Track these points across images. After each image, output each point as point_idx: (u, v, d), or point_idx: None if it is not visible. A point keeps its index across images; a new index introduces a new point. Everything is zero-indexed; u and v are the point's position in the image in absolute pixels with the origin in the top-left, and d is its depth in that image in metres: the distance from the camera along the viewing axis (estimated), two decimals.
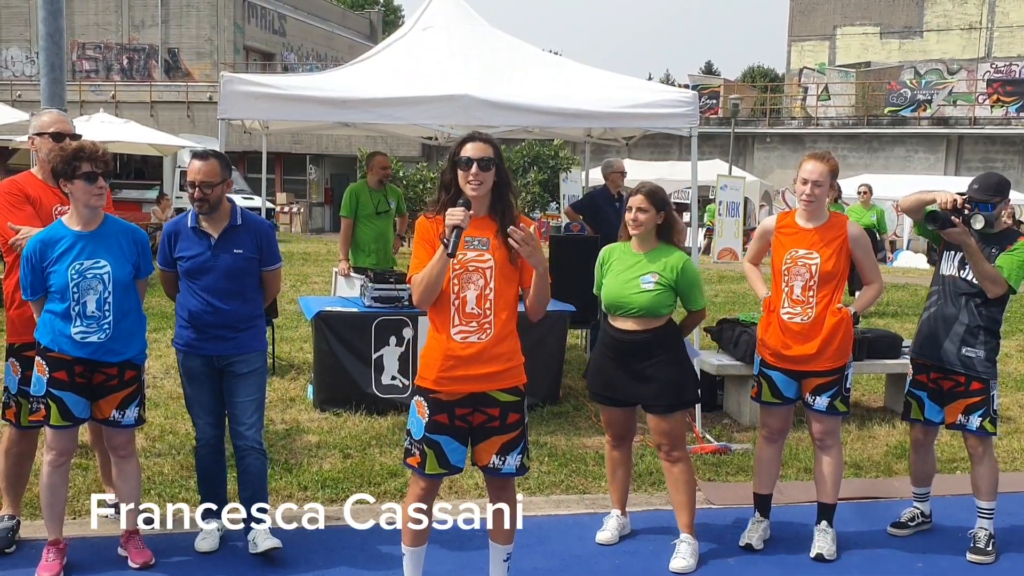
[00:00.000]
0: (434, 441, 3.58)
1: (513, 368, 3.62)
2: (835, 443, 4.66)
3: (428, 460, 3.59)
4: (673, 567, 4.40)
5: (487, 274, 3.54)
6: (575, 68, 7.51)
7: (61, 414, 4.07)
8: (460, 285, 3.53)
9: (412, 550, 3.76)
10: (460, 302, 3.53)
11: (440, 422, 3.58)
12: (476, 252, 3.55)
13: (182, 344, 4.41)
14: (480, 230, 3.57)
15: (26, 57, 39.35)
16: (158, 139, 21.18)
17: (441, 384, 3.56)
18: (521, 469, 3.68)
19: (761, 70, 65.30)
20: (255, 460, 4.42)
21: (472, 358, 3.53)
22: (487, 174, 3.53)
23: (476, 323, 3.54)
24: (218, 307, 4.30)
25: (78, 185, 3.99)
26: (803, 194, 4.50)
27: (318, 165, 36.44)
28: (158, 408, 6.70)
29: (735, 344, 7.03)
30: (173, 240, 4.37)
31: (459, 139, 3.63)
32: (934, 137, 32.63)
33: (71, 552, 4.25)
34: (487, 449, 3.62)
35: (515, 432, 3.63)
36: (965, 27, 40.81)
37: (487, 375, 3.55)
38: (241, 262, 4.35)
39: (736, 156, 31.08)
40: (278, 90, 6.29)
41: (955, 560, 4.62)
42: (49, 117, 4.66)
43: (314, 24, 44.87)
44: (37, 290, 4.07)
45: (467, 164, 3.52)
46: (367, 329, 6.70)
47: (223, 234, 4.33)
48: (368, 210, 7.93)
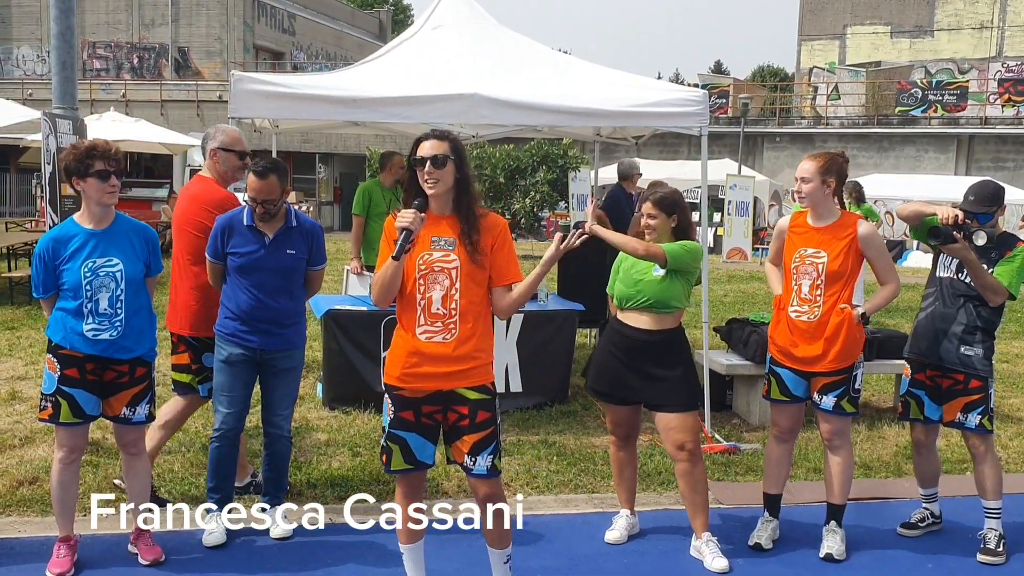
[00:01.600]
0: (399, 437, 3.57)
1: (479, 366, 3.57)
2: (844, 443, 4.65)
3: (394, 456, 3.59)
4: (715, 567, 4.39)
5: (452, 274, 3.51)
6: (585, 67, 7.50)
7: (72, 411, 4.09)
8: (426, 285, 3.51)
9: (409, 548, 3.77)
10: (426, 302, 3.51)
11: (405, 419, 3.56)
12: (442, 252, 3.51)
13: (227, 333, 4.47)
14: (445, 230, 3.53)
15: (37, 56, 39.52)
16: (168, 138, 21.25)
17: (405, 381, 3.54)
18: (492, 471, 3.58)
19: (771, 69, 65.13)
20: (284, 446, 4.70)
21: (437, 356, 3.50)
22: (442, 171, 3.47)
23: (441, 323, 3.51)
24: (267, 303, 4.42)
25: (91, 183, 4.02)
26: (795, 191, 4.61)
27: (327, 164, 36.50)
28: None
29: (744, 344, 7.02)
30: (226, 235, 4.43)
31: (415, 138, 3.59)
32: (944, 137, 32.49)
33: (81, 549, 4.27)
34: (460, 448, 3.59)
35: (486, 431, 3.57)
36: (976, 26, 40.63)
37: (452, 373, 3.52)
38: (293, 262, 4.48)
39: (745, 155, 31.00)
40: (288, 89, 6.31)
41: (965, 561, 4.61)
42: (236, 134, 4.90)
43: (324, 23, 44.94)
44: (48, 288, 4.10)
45: (420, 163, 3.48)
46: (376, 328, 6.70)
47: (278, 235, 4.44)
48: (380, 209, 7.92)
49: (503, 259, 3.59)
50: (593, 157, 13.09)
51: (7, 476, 5.27)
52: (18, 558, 4.30)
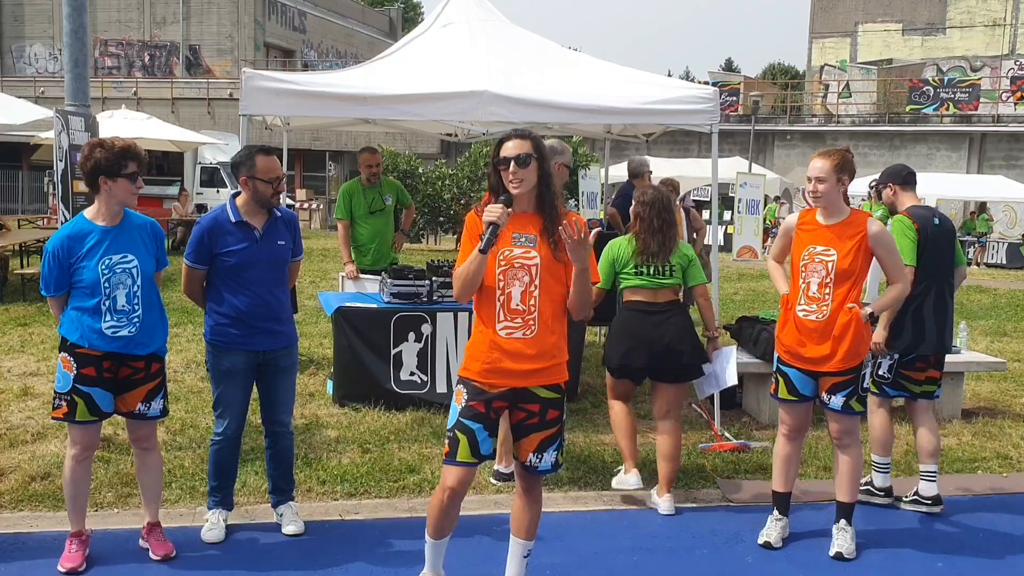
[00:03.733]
0: (469, 428, 3.57)
1: (556, 365, 3.63)
2: (854, 442, 4.63)
3: (460, 447, 3.57)
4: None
5: (533, 271, 3.54)
6: (595, 64, 7.48)
7: (88, 409, 4.11)
8: (506, 281, 3.54)
9: (435, 543, 3.76)
10: (505, 298, 3.55)
11: (476, 409, 3.57)
12: (523, 249, 3.56)
13: (226, 342, 4.40)
14: (527, 227, 3.57)
15: (49, 54, 39.71)
16: (179, 135, 21.34)
17: (485, 376, 3.57)
18: (556, 466, 3.69)
19: (782, 67, 64.99)
20: (287, 442, 4.69)
21: (516, 353, 3.54)
22: (526, 170, 3.52)
23: (521, 319, 3.55)
24: (264, 298, 4.40)
25: (121, 183, 4.04)
26: (809, 192, 4.57)
27: (337, 162, 36.57)
28: (179, 402, 6.76)
29: (755, 342, 7.01)
30: (213, 236, 4.36)
31: (498, 138, 3.63)
32: (956, 135, 32.35)
33: (93, 544, 4.30)
34: (527, 446, 3.63)
35: (554, 428, 3.65)
36: (989, 24, 40.40)
37: (530, 371, 3.56)
38: (284, 253, 4.49)
39: (756, 153, 30.92)
40: (299, 86, 6.32)
41: (976, 561, 4.59)
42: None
43: (334, 21, 45.03)
44: (61, 286, 4.09)
45: (504, 163, 3.53)
46: (386, 325, 6.72)
47: (267, 227, 4.42)
48: (362, 210, 7.79)
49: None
50: (603, 155, 13.08)
51: (19, 472, 5.30)
52: (30, 553, 4.32)
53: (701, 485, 5.53)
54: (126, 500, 4.96)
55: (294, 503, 4.75)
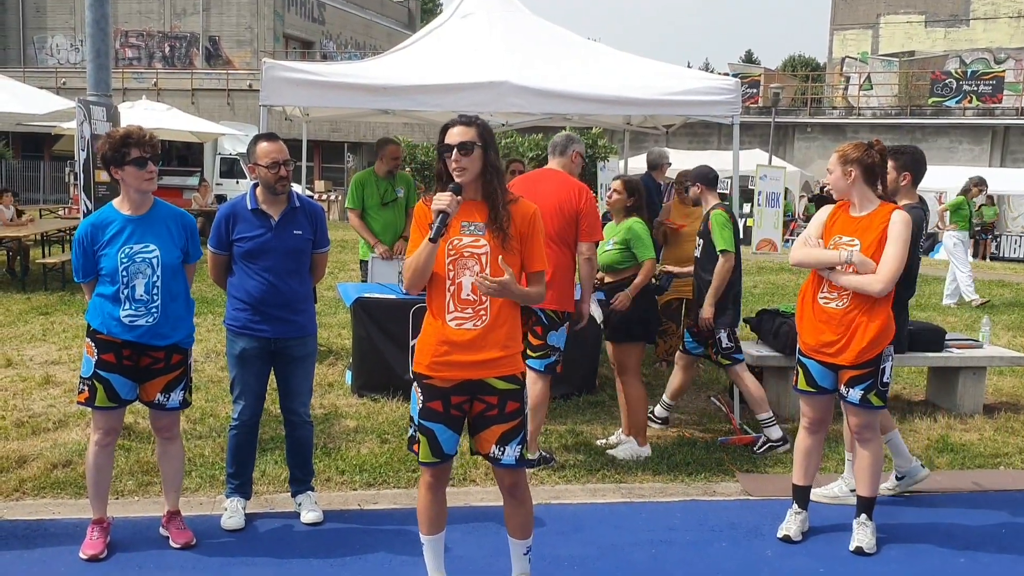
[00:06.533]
0: (427, 428, 3.54)
1: (510, 356, 3.53)
2: (874, 436, 4.60)
3: (422, 448, 3.56)
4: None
5: (482, 260, 3.47)
6: (615, 55, 7.46)
7: (108, 395, 4.14)
8: (456, 271, 3.47)
9: (430, 538, 3.73)
10: (456, 288, 3.47)
11: (434, 409, 3.52)
12: (472, 237, 3.48)
13: (239, 326, 4.45)
14: (474, 215, 3.50)
15: (71, 45, 39.98)
16: (199, 126, 21.45)
17: (435, 369, 3.50)
18: (520, 461, 3.59)
19: (802, 59, 64.52)
20: (306, 431, 4.71)
21: (467, 344, 3.46)
22: (469, 158, 3.44)
23: (471, 309, 3.47)
24: (277, 286, 4.39)
25: (129, 171, 4.05)
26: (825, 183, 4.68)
27: (355, 153, 36.65)
28: (199, 391, 6.79)
29: (775, 335, 6.97)
30: (231, 223, 4.41)
31: (443, 125, 3.56)
32: (979, 128, 32.04)
33: (114, 531, 4.33)
34: (487, 438, 3.56)
35: (514, 421, 3.55)
36: (1013, 15, 39.96)
37: (483, 362, 3.48)
38: (300, 243, 4.47)
39: (776, 146, 30.77)
40: (319, 77, 6.33)
41: (999, 557, 4.55)
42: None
43: (353, 12, 45.07)
44: (88, 272, 4.14)
45: (447, 150, 3.46)
46: (404, 316, 6.72)
47: (283, 216, 4.42)
48: (374, 200, 7.77)
49: (528, 246, 3.56)
50: (622, 147, 13.03)
51: (42, 459, 5.35)
52: (52, 540, 4.36)
53: (720, 479, 5.51)
54: (147, 488, 5.00)
55: (313, 492, 4.77)
